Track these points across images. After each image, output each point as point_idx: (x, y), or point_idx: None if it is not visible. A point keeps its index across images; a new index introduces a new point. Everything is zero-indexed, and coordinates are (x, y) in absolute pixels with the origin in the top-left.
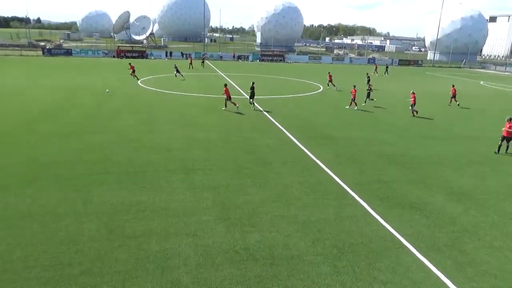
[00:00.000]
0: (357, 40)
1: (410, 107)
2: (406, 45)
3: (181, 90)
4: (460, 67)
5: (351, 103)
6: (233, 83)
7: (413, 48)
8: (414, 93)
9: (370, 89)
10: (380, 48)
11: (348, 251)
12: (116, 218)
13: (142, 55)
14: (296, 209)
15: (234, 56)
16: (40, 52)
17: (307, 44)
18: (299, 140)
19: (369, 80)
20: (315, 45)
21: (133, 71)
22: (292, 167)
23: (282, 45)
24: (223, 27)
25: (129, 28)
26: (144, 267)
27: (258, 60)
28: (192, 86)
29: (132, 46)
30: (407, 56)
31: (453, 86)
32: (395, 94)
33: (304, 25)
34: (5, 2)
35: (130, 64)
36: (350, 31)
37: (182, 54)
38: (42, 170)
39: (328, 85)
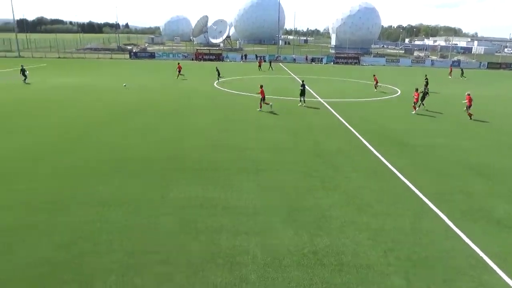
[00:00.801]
0: (440, 41)
1: (465, 109)
2: (496, 46)
3: (254, 92)
4: None
5: (415, 106)
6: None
7: (505, 50)
8: (469, 95)
9: (426, 93)
10: (467, 50)
11: (423, 266)
12: (190, 212)
13: (218, 57)
14: (368, 217)
15: (306, 59)
16: (128, 55)
17: (385, 46)
18: (373, 145)
19: (427, 84)
20: (393, 47)
21: (180, 71)
22: (364, 173)
23: (358, 47)
24: (298, 29)
25: (207, 32)
26: (215, 261)
27: (332, 63)
28: (265, 89)
29: (209, 49)
30: (498, 59)
31: None
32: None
33: (382, 26)
34: (99, 10)
35: (178, 63)
36: (432, 31)
37: (256, 56)
38: (126, 162)
39: (375, 88)
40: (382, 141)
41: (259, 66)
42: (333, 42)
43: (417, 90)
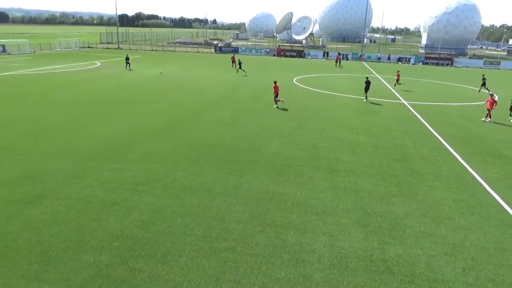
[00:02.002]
0: None
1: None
2: None
3: (334, 90)
4: None
5: (487, 114)
6: (388, 86)
7: None
8: (491, 98)
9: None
10: None
11: None
12: (259, 205)
13: (299, 54)
14: (447, 230)
15: (389, 58)
16: (213, 50)
17: (483, 47)
18: (460, 153)
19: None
20: (494, 48)
21: (233, 62)
22: (447, 183)
23: (452, 47)
24: (385, 27)
25: (290, 28)
26: (280, 256)
27: (421, 63)
28: (345, 87)
29: (291, 46)
30: None
31: None
32: None
33: (482, 25)
34: (190, 6)
35: (233, 56)
36: None
37: (339, 54)
38: (204, 152)
39: (394, 85)
40: (470, 149)
41: (336, 62)
42: (423, 41)
43: (492, 96)
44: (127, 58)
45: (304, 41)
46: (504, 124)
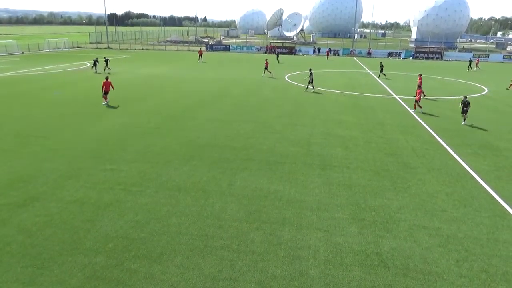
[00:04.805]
0: None
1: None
2: None
3: (325, 87)
4: None
5: (416, 105)
6: (382, 83)
7: None
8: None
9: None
10: None
11: (502, 280)
12: (254, 203)
13: (291, 51)
14: (440, 222)
15: (369, 53)
16: (204, 48)
17: (472, 40)
18: (451, 146)
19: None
20: (483, 41)
21: (200, 56)
22: (439, 175)
23: (441, 41)
24: (375, 22)
25: (281, 25)
26: (276, 253)
27: (411, 58)
28: (336, 83)
29: (282, 42)
30: None
31: None
32: None
33: (471, 19)
34: (180, 4)
35: (200, 50)
36: None
37: (330, 50)
38: (197, 151)
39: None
40: (462, 141)
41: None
42: (413, 36)
43: (419, 86)
44: (106, 60)
45: (295, 38)
46: (493, 116)
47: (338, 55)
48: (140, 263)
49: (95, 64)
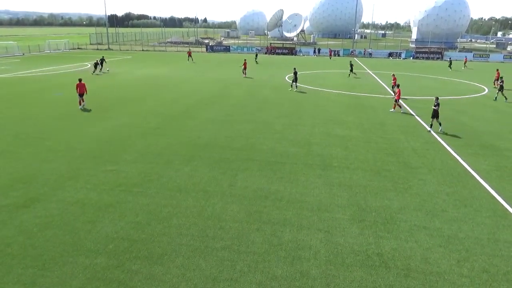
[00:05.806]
0: None
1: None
2: None
3: (325, 87)
4: None
5: (395, 104)
6: (381, 82)
7: None
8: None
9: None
10: None
11: (503, 280)
12: (255, 203)
13: (291, 51)
14: (441, 222)
15: (364, 53)
16: (204, 49)
17: (473, 40)
18: (452, 146)
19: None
20: (483, 41)
21: (189, 56)
22: (440, 176)
23: (442, 41)
24: (376, 22)
25: (281, 26)
26: (276, 253)
27: (411, 58)
28: (336, 83)
29: (283, 43)
30: None
31: None
32: None
33: (471, 19)
34: (180, 5)
35: (189, 51)
36: None
37: (331, 51)
38: (198, 151)
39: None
40: (462, 141)
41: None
42: (414, 36)
43: (398, 86)
44: (96, 63)
45: (295, 38)
46: (493, 116)
47: (339, 55)
48: (141, 264)
49: (95, 66)
